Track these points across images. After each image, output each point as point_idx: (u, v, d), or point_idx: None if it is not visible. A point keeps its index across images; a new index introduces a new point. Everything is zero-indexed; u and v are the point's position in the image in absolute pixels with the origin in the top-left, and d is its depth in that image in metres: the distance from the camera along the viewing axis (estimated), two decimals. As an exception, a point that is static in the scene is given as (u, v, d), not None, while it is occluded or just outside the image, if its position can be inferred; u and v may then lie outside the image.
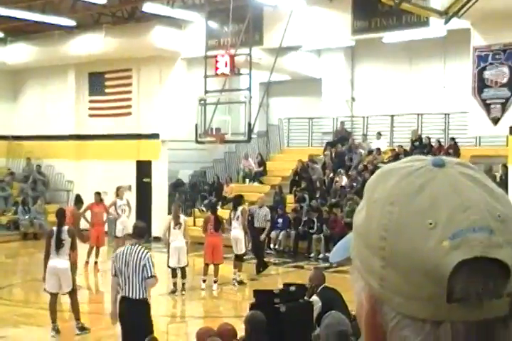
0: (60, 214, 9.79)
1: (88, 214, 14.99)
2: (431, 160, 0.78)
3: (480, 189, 0.75)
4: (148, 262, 7.18)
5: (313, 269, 10.11)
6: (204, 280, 12.59)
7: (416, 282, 0.72)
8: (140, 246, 7.37)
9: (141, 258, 7.14)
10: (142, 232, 8.00)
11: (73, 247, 9.61)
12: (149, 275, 7.17)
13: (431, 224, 0.73)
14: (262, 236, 14.37)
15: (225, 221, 13.17)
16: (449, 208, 0.73)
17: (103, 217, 14.93)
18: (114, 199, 15.65)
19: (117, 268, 7.23)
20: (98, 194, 15.20)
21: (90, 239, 14.68)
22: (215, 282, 12.73)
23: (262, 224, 14.31)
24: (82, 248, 13.37)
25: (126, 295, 7.16)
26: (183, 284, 12.38)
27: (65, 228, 9.48)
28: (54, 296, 9.46)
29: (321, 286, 7.42)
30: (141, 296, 7.18)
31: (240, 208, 13.51)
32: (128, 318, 7.13)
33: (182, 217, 12.60)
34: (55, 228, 9.56)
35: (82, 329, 9.56)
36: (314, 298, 7.27)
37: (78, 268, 11.65)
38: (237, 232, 13.30)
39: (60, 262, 9.32)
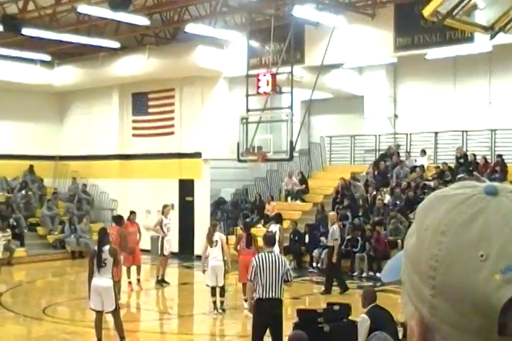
0: (102, 233, 9.84)
1: None
2: (483, 187, 0.77)
3: None
4: (289, 268, 8.20)
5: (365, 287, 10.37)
6: (246, 300, 12.48)
7: (466, 313, 0.71)
8: (275, 254, 8.26)
9: (284, 263, 8.10)
10: (273, 240, 8.80)
11: (115, 264, 9.64)
12: (290, 279, 8.17)
13: (482, 256, 0.72)
14: (334, 258, 13.84)
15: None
16: (500, 240, 0.72)
17: (136, 236, 14.88)
18: (159, 217, 15.67)
19: (258, 273, 7.97)
20: (133, 213, 15.22)
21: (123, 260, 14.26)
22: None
23: (330, 243, 14.12)
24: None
25: (269, 296, 7.96)
26: (222, 302, 12.31)
27: (107, 247, 9.51)
28: (99, 314, 9.50)
29: (371, 305, 7.27)
30: (281, 296, 8.09)
31: (278, 225, 13.56)
32: (271, 314, 7.99)
33: (217, 235, 12.37)
34: (96, 247, 9.65)
35: (126, 347, 9.58)
36: (363, 316, 7.11)
37: (122, 287, 11.67)
38: None
39: (102, 281, 9.36)
